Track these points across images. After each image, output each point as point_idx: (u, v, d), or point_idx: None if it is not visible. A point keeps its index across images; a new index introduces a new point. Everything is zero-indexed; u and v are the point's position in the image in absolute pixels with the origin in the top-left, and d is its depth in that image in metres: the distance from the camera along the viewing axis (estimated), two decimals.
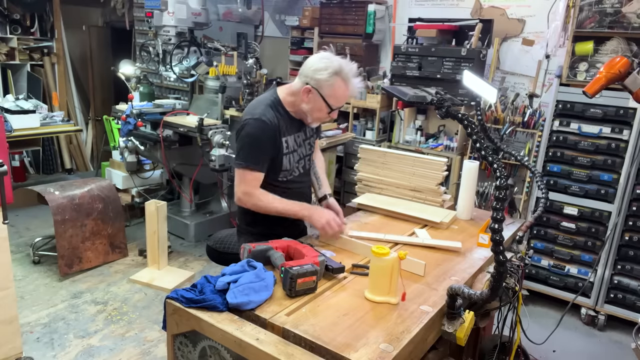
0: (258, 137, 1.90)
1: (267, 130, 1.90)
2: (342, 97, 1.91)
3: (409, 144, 3.72)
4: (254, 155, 1.91)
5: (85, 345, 2.74)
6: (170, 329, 1.44)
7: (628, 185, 3.00)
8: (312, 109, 1.92)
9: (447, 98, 1.57)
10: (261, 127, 1.89)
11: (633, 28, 2.88)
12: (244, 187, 1.92)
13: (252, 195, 1.91)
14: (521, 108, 3.41)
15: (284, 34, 4.87)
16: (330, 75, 1.84)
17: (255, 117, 1.91)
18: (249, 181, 1.91)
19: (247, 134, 1.91)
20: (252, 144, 1.90)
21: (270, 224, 2.01)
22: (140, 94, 4.45)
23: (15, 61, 5.22)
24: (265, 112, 1.92)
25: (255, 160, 1.91)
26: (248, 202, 1.93)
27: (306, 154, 2.11)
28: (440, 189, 2.32)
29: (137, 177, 4.40)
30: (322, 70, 1.84)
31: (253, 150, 1.90)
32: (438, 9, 3.93)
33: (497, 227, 1.21)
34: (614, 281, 3.14)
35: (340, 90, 1.88)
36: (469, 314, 1.43)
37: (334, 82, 1.85)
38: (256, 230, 2.06)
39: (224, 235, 2.27)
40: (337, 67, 1.84)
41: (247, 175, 1.91)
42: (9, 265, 2.27)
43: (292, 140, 2.01)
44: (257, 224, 2.05)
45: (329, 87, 1.86)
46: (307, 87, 1.88)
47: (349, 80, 1.89)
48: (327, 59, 1.87)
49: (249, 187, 1.91)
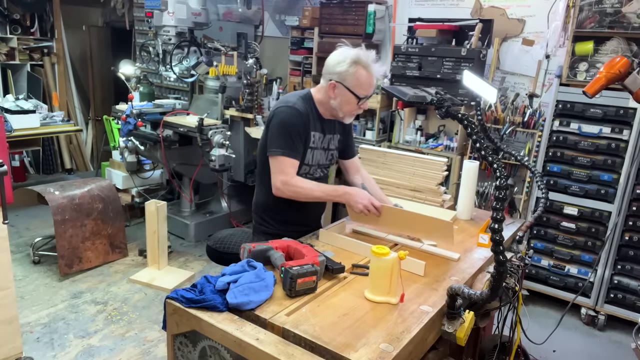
0: (292, 124, 1.92)
1: (299, 117, 1.93)
2: (366, 84, 1.92)
3: (409, 144, 3.71)
4: (289, 142, 1.91)
5: (85, 345, 2.74)
6: (170, 329, 1.44)
7: (628, 185, 3.00)
8: (341, 103, 1.95)
9: (447, 98, 1.57)
10: (294, 114, 1.93)
11: (633, 28, 2.88)
12: (282, 177, 1.91)
13: (291, 184, 1.91)
14: (521, 108, 3.41)
15: (284, 34, 4.87)
16: (350, 65, 1.87)
17: (289, 105, 1.95)
18: (286, 169, 1.91)
19: (280, 120, 1.93)
20: (286, 131, 1.91)
21: (285, 223, 2.05)
22: (140, 94, 4.46)
23: (15, 61, 5.22)
24: (298, 102, 1.96)
25: (290, 147, 1.92)
26: (287, 190, 1.92)
27: (323, 162, 2.12)
28: (440, 189, 2.32)
29: (137, 177, 4.40)
30: (340, 62, 1.89)
31: (287, 138, 1.91)
32: (438, 9, 3.93)
33: (497, 227, 1.21)
34: (614, 281, 3.14)
35: (363, 77, 1.90)
36: (469, 314, 1.43)
37: (354, 71, 1.88)
38: (270, 230, 2.08)
39: (224, 235, 2.27)
40: (354, 56, 1.88)
41: (284, 163, 1.91)
42: (9, 265, 2.27)
43: (317, 137, 2.03)
44: (273, 223, 2.08)
45: (352, 77, 1.89)
46: (331, 83, 1.92)
47: (370, 66, 1.90)
48: (343, 51, 1.91)
49: (287, 176, 1.91)
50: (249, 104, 4.09)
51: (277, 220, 2.08)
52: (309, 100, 2.02)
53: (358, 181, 2.19)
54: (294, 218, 2.06)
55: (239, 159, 4.23)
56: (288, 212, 2.04)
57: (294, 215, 2.05)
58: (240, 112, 4.13)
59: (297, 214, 2.05)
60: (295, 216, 2.05)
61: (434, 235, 1.85)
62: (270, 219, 2.10)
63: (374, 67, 1.92)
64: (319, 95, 2.01)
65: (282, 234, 1.93)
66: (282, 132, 1.91)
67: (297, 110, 1.93)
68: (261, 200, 2.12)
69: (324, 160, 2.11)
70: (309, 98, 2.02)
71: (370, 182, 2.24)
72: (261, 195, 2.12)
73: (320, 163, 2.09)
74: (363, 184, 2.16)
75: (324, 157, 2.11)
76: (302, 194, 1.92)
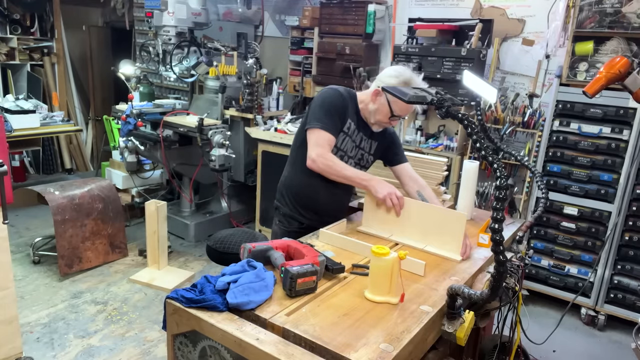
0: (333, 103, 2.02)
1: (341, 100, 2.04)
2: (404, 106, 1.99)
3: (409, 144, 3.71)
4: (329, 118, 2.00)
5: (85, 345, 2.74)
6: (170, 329, 1.43)
7: (628, 185, 3.00)
8: (377, 110, 2.05)
9: (447, 98, 1.57)
10: (336, 95, 2.04)
11: (633, 28, 2.88)
12: (319, 149, 1.97)
13: (326, 157, 1.97)
14: (521, 108, 3.41)
15: (284, 34, 4.87)
16: (400, 82, 1.95)
17: (334, 88, 2.08)
18: (323, 142, 1.98)
19: (322, 98, 2.03)
20: (327, 108, 2.01)
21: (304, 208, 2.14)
22: (140, 94, 4.46)
23: (15, 61, 5.23)
24: (341, 90, 2.08)
25: (330, 123, 2.00)
26: (321, 163, 1.97)
27: (352, 154, 2.15)
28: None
29: (137, 177, 4.40)
30: (393, 77, 1.98)
31: (328, 114, 2.01)
32: (438, 9, 3.93)
33: (497, 227, 1.21)
34: (614, 281, 3.14)
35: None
36: (469, 314, 1.43)
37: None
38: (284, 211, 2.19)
39: (224, 235, 2.26)
40: (407, 78, 1.96)
41: (323, 136, 1.98)
42: (9, 265, 2.27)
43: (353, 126, 2.10)
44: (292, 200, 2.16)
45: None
46: (377, 89, 2.02)
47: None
48: (401, 69, 2.02)
49: (324, 149, 1.97)
50: (249, 104, 4.09)
51: (299, 203, 2.16)
52: (353, 95, 2.12)
53: (413, 189, 2.15)
54: (313, 205, 2.13)
55: (239, 159, 4.24)
56: (311, 198, 2.13)
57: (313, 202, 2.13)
58: (240, 112, 4.14)
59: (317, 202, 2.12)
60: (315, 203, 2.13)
61: (444, 230, 1.84)
62: (290, 200, 2.18)
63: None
64: (363, 97, 2.11)
65: (296, 217, 2.09)
66: (323, 108, 2.01)
67: (340, 93, 2.05)
68: (284, 178, 2.23)
69: (353, 152, 2.15)
70: (353, 95, 2.13)
71: (428, 191, 2.15)
72: (286, 173, 2.22)
73: (349, 154, 2.14)
74: (419, 191, 2.12)
75: (354, 150, 2.15)
76: (334, 169, 1.98)
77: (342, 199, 2.24)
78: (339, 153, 2.10)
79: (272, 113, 4.31)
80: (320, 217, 2.10)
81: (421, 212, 1.90)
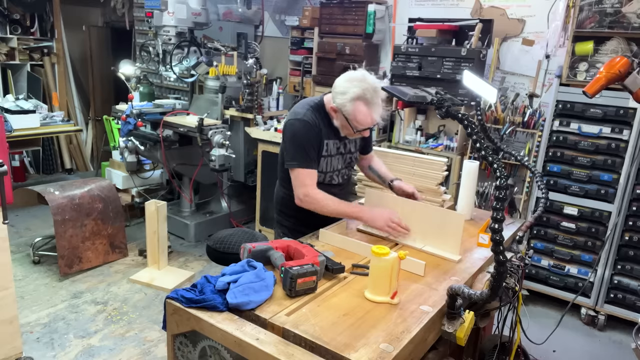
0: (304, 137, 1.96)
1: (310, 130, 1.97)
2: (363, 121, 1.92)
3: (409, 144, 3.71)
4: (303, 154, 1.96)
5: (85, 345, 2.74)
6: (170, 329, 1.44)
7: (628, 185, 3.00)
8: (340, 125, 2.00)
9: (447, 98, 1.57)
10: (304, 127, 1.97)
11: (633, 28, 2.88)
12: (303, 190, 1.96)
13: (312, 197, 1.95)
14: (521, 108, 3.41)
15: (284, 34, 4.87)
16: (349, 100, 1.88)
17: (298, 117, 1.98)
18: (305, 181, 1.96)
19: (292, 134, 1.98)
20: (299, 143, 1.96)
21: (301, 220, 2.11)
22: (140, 94, 4.46)
23: (15, 61, 5.22)
24: (307, 114, 1.99)
25: (305, 158, 1.96)
26: (310, 204, 1.97)
27: (340, 168, 2.15)
28: (440, 189, 2.32)
29: (137, 177, 4.40)
30: (342, 94, 1.89)
31: (301, 150, 1.96)
32: (438, 9, 3.93)
33: (497, 227, 1.21)
34: (614, 281, 3.13)
35: (361, 115, 1.90)
36: (469, 314, 1.43)
37: (353, 107, 1.89)
38: (287, 224, 2.19)
39: (224, 235, 2.27)
40: (356, 94, 1.86)
41: (302, 174, 1.96)
42: (9, 265, 2.27)
43: (332, 145, 2.07)
44: (293, 217, 2.16)
45: (350, 112, 1.90)
46: (332, 107, 1.96)
47: (371, 103, 1.89)
48: (349, 82, 1.89)
49: (308, 188, 1.96)
50: (249, 104, 4.09)
51: (294, 216, 2.16)
52: (321, 108, 2.03)
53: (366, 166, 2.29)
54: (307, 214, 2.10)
55: (239, 159, 4.24)
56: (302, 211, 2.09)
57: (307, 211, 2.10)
58: (240, 112, 4.14)
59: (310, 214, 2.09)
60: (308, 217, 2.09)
61: (444, 230, 1.84)
62: (290, 216, 2.19)
63: (377, 101, 1.90)
64: (330, 105, 2.02)
65: (298, 229, 2.05)
66: (294, 145, 1.97)
67: (307, 122, 1.97)
68: (279, 196, 2.23)
69: (341, 165, 2.15)
70: (321, 106, 2.03)
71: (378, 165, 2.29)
72: (280, 192, 2.22)
73: (337, 168, 2.13)
74: (370, 165, 2.25)
75: (341, 162, 2.14)
76: (322, 208, 1.97)
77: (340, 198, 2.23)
78: (327, 175, 2.11)
79: (272, 113, 4.31)
80: (324, 221, 2.09)
81: (420, 212, 1.90)
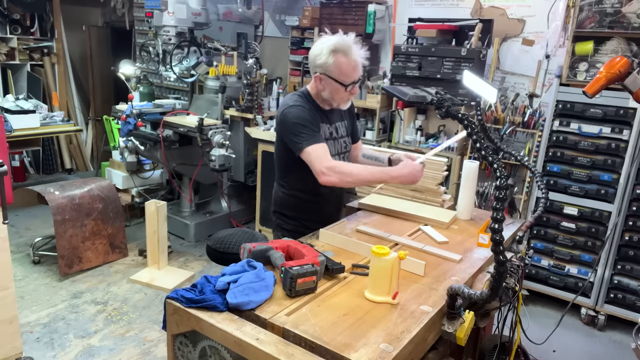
0: (304, 117, 1.95)
1: (306, 111, 1.97)
2: (349, 69, 1.92)
3: (409, 144, 3.71)
4: (309, 131, 1.93)
5: (85, 345, 2.74)
6: (170, 329, 1.43)
7: (628, 185, 3.00)
8: (331, 93, 1.98)
9: (447, 98, 1.57)
10: (300, 109, 1.96)
11: (633, 28, 2.88)
12: (325, 163, 1.87)
13: (336, 167, 1.89)
14: (521, 108, 3.41)
15: (284, 34, 4.87)
16: (328, 55, 1.89)
17: (289, 105, 1.99)
18: (322, 154, 1.90)
19: (292, 119, 1.94)
20: (302, 124, 1.93)
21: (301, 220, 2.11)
22: (140, 94, 4.46)
23: (15, 61, 5.22)
24: (298, 100, 2.01)
25: (312, 135, 1.92)
26: (334, 175, 1.87)
27: (334, 153, 2.11)
28: (440, 189, 2.32)
29: (137, 177, 4.40)
30: (319, 54, 1.91)
31: (305, 129, 1.92)
32: (438, 9, 3.93)
33: (497, 227, 1.21)
34: (614, 281, 3.14)
35: (345, 64, 1.91)
36: (469, 314, 1.43)
37: (334, 60, 1.90)
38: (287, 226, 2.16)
39: (224, 235, 2.27)
40: (331, 46, 1.89)
41: (317, 150, 1.90)
42: (9, 265, 2.27)
43: (325, 129, 2.07)
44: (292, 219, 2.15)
45: (333, 67, 1.90)
46: (317, 76, 1.96)
47: (349, 52, 1.91)
48: (319, 43, 1.93)
49: (328, 161, 1.89)
50: (249, 104, 4.10)
51: (294, 217, 2.15)
52: (306, 96, 2.05)
53: (359, 155, 2.32)
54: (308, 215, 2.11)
55: (239, 159, 4.24)
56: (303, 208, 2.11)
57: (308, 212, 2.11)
58: (240, 112, 4.14)
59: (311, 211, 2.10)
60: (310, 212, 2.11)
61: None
62: (291, 218, 2.16)
63: (354, 50, 1.92)
64: (313, 91, 2.05)
65: (299, 229, 2.02)
66: (298, 127, 1.93)
67: (300, 106, 1.98)
68: (278, 197, 2.21)
69: (335, 151, 2.13)
70: (306, 94, 2.06)
71: (369, 151, 2.35)
72: (279, 192, 2.20)
73: (332, 154, 2.09)
74: (363, 153, 2.31)
75: (336, 147, 2.13)
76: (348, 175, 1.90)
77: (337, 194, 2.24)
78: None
79: (272, 113, 4.31)
80: (325, 218, 2.09)
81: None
